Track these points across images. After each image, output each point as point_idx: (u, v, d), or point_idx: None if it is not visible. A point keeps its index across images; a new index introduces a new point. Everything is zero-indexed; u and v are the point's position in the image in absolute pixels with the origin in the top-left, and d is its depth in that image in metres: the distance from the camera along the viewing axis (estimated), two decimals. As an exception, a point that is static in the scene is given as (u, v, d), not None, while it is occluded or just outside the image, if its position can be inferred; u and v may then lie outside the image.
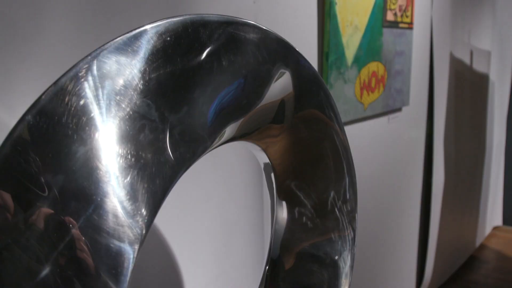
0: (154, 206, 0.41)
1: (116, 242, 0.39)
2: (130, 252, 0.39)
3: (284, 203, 0.68)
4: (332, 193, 0.67)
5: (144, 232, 0.40)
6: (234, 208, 1.12)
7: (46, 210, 0.37)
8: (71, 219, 0.38)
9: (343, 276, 0.69)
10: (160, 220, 0.96)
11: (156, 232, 0.96)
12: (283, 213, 0.68)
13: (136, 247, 0.40)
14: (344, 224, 0.68)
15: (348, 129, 1.52)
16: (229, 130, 0.50)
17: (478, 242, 3.42)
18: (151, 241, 0.96)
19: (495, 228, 3.76)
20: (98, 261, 0.38)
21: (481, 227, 3.40)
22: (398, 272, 2.35)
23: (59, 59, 0.70)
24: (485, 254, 3.40)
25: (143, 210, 0.40)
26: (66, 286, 0.37)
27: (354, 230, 0.69)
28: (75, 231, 0.38)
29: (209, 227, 1.07)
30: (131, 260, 0.39)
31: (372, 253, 2.03)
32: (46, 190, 0.37)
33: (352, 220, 0.69)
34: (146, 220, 0.41)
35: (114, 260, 0.39)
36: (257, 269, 1.20)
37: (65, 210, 0.37)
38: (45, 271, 0.37)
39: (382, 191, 2.00)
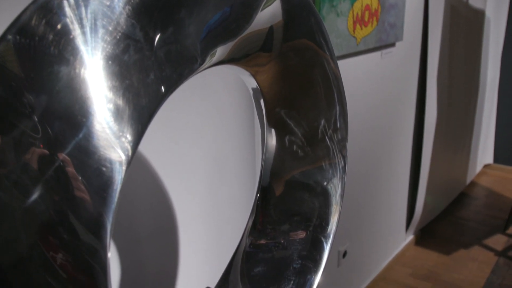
0: (140, 127, 0.41)
1: (103, 163, 0.38)
2: (117, 173, 0.39)
3: (274, 131, 0.67)
4: (322, 122, 0.67)
5: (130, 153, 0.40)
6: (226, 141, 1.12)
7: (30, 131, 0.36)
8: (56, 139, 0.37)
9: (334, 204, 0.70)
10: (152, 155, 0.96)
11: (149, 167, 0.96)
12: (273, 141, 0.68)
13: (124, 167, 0.39)
14: (335, 152, 0.68)
15: (340, 64, 1.50)
16: (218, 53, 0.49)
17: (468, 180, 3.46)
18: (144, 175, 0.96)
19: (486, 166, 3.80)
20: (85, 182, 0.38)
21: (472, 164, 3.44)
22: (389, 208, 2.39)
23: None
24: (475, 191, 3.45)
25: (129, 131, 0.40)
26: (55, 209, 0.37)
27: (344, 159, 0.69)
28: (60, 152, 0.37)
29: (202, 160, 1.07)
30: (118, 181, 0.39)
31: (363, 189, 2.06)
32: (29, 110, 0.36)
33: (342, 148, 0.69)
34: (132, 141, 0.40)
35: (102, 181, 0.38)
36: (249, 200, 1.21)
37: (49, 131, 0.37)
38: (35, 195, 0.37)
39: (374, 127, 2.00)
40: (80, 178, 0.38)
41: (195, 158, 1.05)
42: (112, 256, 0.94)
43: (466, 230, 2.91)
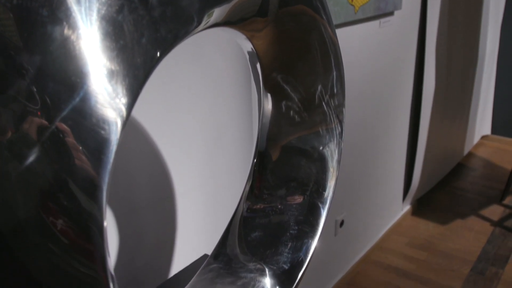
0: (135, 88, 0.41)
1: (98, 124, 0.38)
2: (113, 134, 0.39)
3: (270, 96, 0.67)
4: (319, 87, 0.67)
5: (125, 113, 0.40)
6: (223, 108, 1.12)
7: (24, 92, 0.36)
8: (51, 101, 0.37)
9: (330, 170, 0.70)
10: (149, 125, 0.96)
11: (146, 136, 0.96)
12: (270, 106, 0.67)
13: (119, 128, 0.39)
14: (332, 118, 0.68)
15: (338, 32, 1.49)
16: (214, 15, 0.49)
17: (466, 150, 3.47)
18: (141, 145, 0.96)
19: (484, 137, 3.81)
20: (81, 143, 0.38)
21: (470, 135, 3.44)
22: (387, 178, 2.40)
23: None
24: (472, 162, 3.46)
25: (125, 92, 0.40)
26: (52, 171, 0.37)
27: (341, 124, 0.69)
28: (55, 114, 0.37)
29: (199, 128, 1.07)
30: (114, 142, 0.39)
31: (361, 159, 2.06)
32: (23, 71, 0.36)
33: (339, 114, 0.69)
34: (128, 102, 0.40)
35: (97, 141, 0.38)
36: (247, 167, 1.22)
37: (44, 92, 0.37)
38: (31, 159, 0.37)
39: (371, 97, 2.00)
40: (75, 139, 0.38)
41: (191, 126, 1.05)
42: (110, 225, 0.94)
43: (462, 201, 2.93)
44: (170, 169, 1.03)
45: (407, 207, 2.75)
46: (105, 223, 0.38)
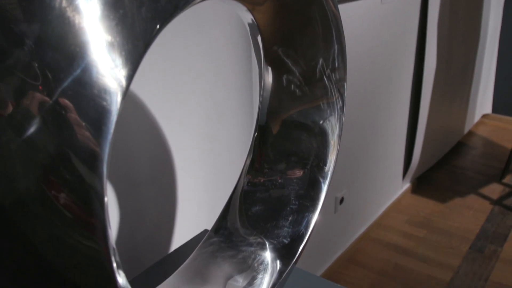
0: (135, 58, 0.40)
1: (98, 94, 0.38)
2: (113, 104, 0.39)
3: (271, 70, 0.67)
4: (320, 61, 0.66)
5: (125, 83, 0.39)
6: (224, 85, 1.12)
7: (23, 61, 0.36)
8: (51, 71, 0.36)
9: (331, 145, 0.70)
10: (149, 100, 0.95)
11: (146, 112, 0.96)
12: (270, 80, 0.67)
13: (119, 98, 0.39)
14: (333, 92, 0.68)
15: (339, 8, 1.47)
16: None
17: (466, 129, 3.47)
18: (141, 121, 0.96)
19: (484, 116, 3.80)
20: (81, 113, 0.38)
21: (471, 114, 3.44)
22: (387, 156, 2.40)
23: None
24: (472, 141, 3.46)
25: (125, 61, 0.39)
26: (52, 143, 0.37)
27: (342, 99, 0.69)
28: (54, 83, 0.37)
29: (199, 102, 1.07)
30: (115, 112, 0.39)
31: (361, 136, 2.06)
32: (22, 40, 0.35)
33: (341, 88, 0.68)
34: (127, 72, 0.40)
35: (97, 112, 0.38)
36: (248, 143, 1.22)
37: (43, 62, 0.36)
38: (31, 130, 0.36)
39: (373, 74, 1.99)
40: (76, 109, 0.37)
41: (191, 101, 1.04)
42: (110, 201, 0.94)
43: (462, 179, 2.94)
44: (170, 145, 1.03)
45: (406, 185, 2.75)
46: (106, 197, 0.38)
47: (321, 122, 0.68)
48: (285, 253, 0.67)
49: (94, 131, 0.38)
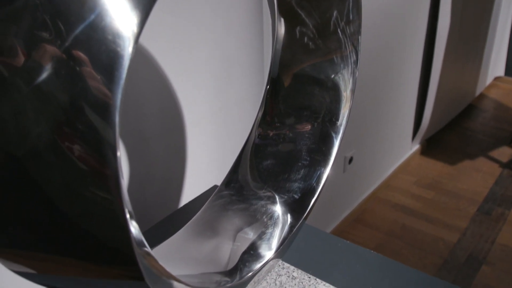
0: (148, 2, 0.39)
1: (111, 38, 0.37)
2: (125, 49, 0.38)
3: (284, 22, 0.65)
4: (335, 13, 0.65)
5: (138, 29, 0.38)
6: (233, 42, 1.10)
7: (32, 4, 0.35)
8: (61, 14, 0.36)
9: (344, 99, 0.69)
10: (159, 55, 0.94)
11: (156, 70, 0.95)
12: (283, 32, 0.66)
13: (131, 43, 0.38)
14: (347, 45, 0.66)
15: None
16: None
17: (478, 91, 3.44)
18: (151, 76, 0.95)
19: (497, 78, 3.76)
20: (93, 59, 0.37)
21: (483, 76, 3.40)
22: (397, 116, 2.38)
23: None
24: (484, 103, 3.43)
25: (137, 6, 0.38)
26: (65, 87, 0.36)
27: (357, 53, 0.67)
28: (66, 28, 0.36)
29: (209, 62, 1.05)
30: (127, 57, 0.38)
31: (372, 95, 2.04)
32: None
33: (355, 42, 0.67)
34: (140, 16, 0.39)
35: (110, 57, 0.37)
36: (258, 99, 1.21)
37: (53, 6, 0.35)
38: (44, 74, 0.36)
39: (386, 31, 1.96)
40: (88, 54, 0.37)
41: (201, 55, 1.03)
42: (121, 156, 0.94)
43: (472, 141, 2.92)
44: (180, 100, 1.02)
45: (416, 147, 2.74)
46: (118, 148, 0.38)
47: (334, 76, 0.67)
48: (296, 207, 0.67)
49: (107, 77, 0.37)
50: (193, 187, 1.11)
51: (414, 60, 2.34)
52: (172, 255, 0.61)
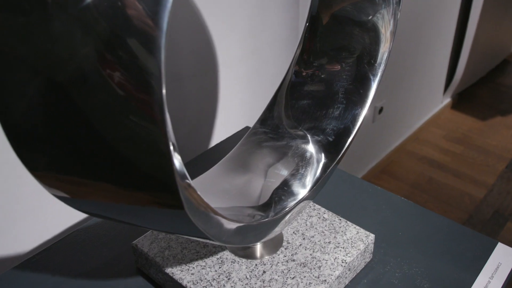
0: None
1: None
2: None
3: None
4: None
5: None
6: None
7: None
8: None
9: (384, 41, 0.67)
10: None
11: (190, 7, 0.94)
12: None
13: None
14: (390, -15, 0.65)
15: None
16: None
17: (514, 46, 3.34)
18: (185, 16, 0.94)
19: (535, 34, 3.64)
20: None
21: (520, 31, 3.30)
22: (429, 68, 2.34)
23: None
24: (519, 59, 3.35)
25: None
26: (107, 16, 0.36)
27: (399, -7, 0.66)
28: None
29: (243, 1, 1.04)
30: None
31: (405, 46, 2.00)
32: None
33: (398, -19, 0.65)
34: None
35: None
36: (291, 43, 1.19)
37: None
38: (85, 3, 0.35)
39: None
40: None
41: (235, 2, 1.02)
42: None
43: (505, 98, 2.86)
44: (213, 41, 1.01)
45: (447, 100, 2.70)
46: (162, 63, 0.37)
47: (374, 17, 0.66)
48: (330, 148, 0.66)
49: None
50: (224, 128, 1.12)
51: (451, 12, 2.28)
52: (206, 189, 0.62)
